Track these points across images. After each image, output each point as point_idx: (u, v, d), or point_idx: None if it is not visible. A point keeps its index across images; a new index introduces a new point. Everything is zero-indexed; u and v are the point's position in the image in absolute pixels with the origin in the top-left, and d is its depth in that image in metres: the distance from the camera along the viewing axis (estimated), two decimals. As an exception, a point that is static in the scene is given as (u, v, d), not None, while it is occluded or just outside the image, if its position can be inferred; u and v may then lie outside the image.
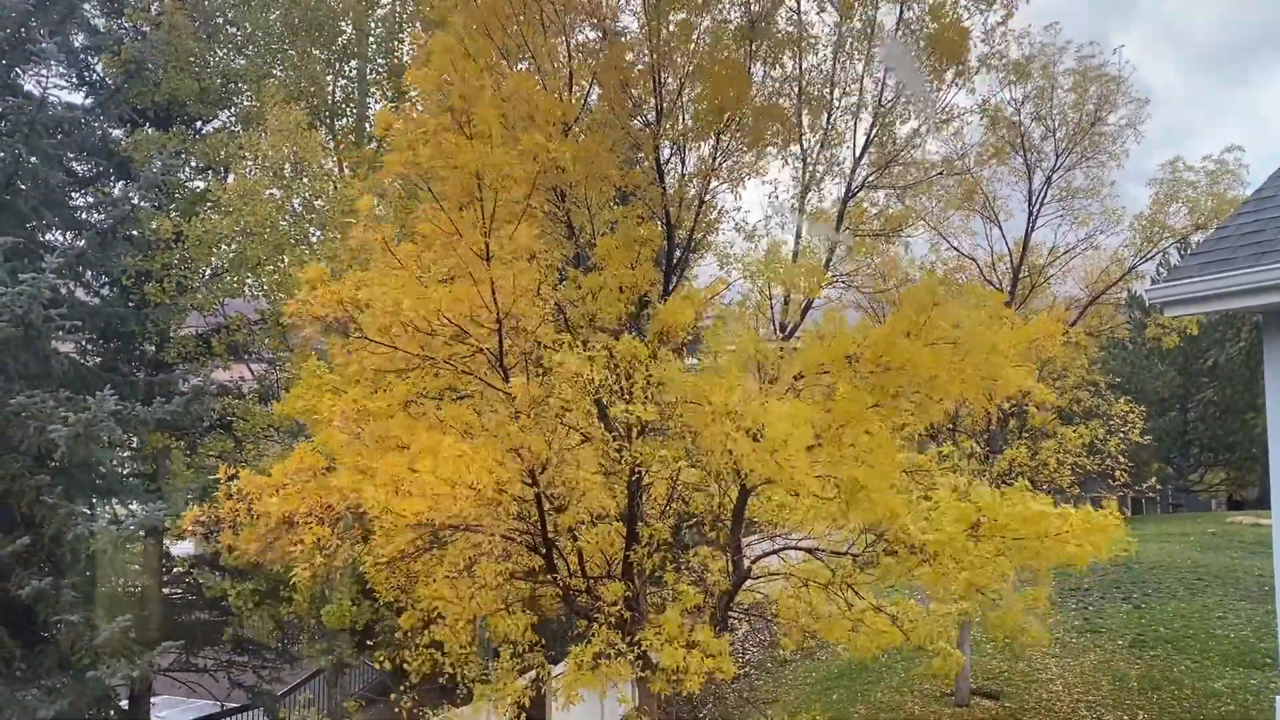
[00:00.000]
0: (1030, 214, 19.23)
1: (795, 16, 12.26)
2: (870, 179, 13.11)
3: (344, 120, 23.64)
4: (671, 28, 11.18)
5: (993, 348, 8.95)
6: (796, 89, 12.47)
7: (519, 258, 8.89)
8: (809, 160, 12.74)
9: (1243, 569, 26.02)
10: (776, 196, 13.24)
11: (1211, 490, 49.54)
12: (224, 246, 17.52)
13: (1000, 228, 19.60)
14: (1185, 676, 19.10)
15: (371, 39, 21.55)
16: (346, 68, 23.43)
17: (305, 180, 17.22)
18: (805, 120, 12.67)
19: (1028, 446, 18.72)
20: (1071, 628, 22.59)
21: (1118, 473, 18.55)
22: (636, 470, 10.76)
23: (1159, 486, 22.00)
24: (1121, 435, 18.90)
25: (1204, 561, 27.17)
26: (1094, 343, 20.77)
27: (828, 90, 12.61)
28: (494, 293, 8.63)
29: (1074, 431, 18.47)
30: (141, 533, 14.85)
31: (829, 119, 12.68)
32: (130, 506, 15.88)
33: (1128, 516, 20.49)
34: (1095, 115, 18.35)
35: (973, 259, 19.86)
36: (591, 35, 11.49)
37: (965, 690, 19.30)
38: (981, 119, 17.33)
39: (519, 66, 10.78)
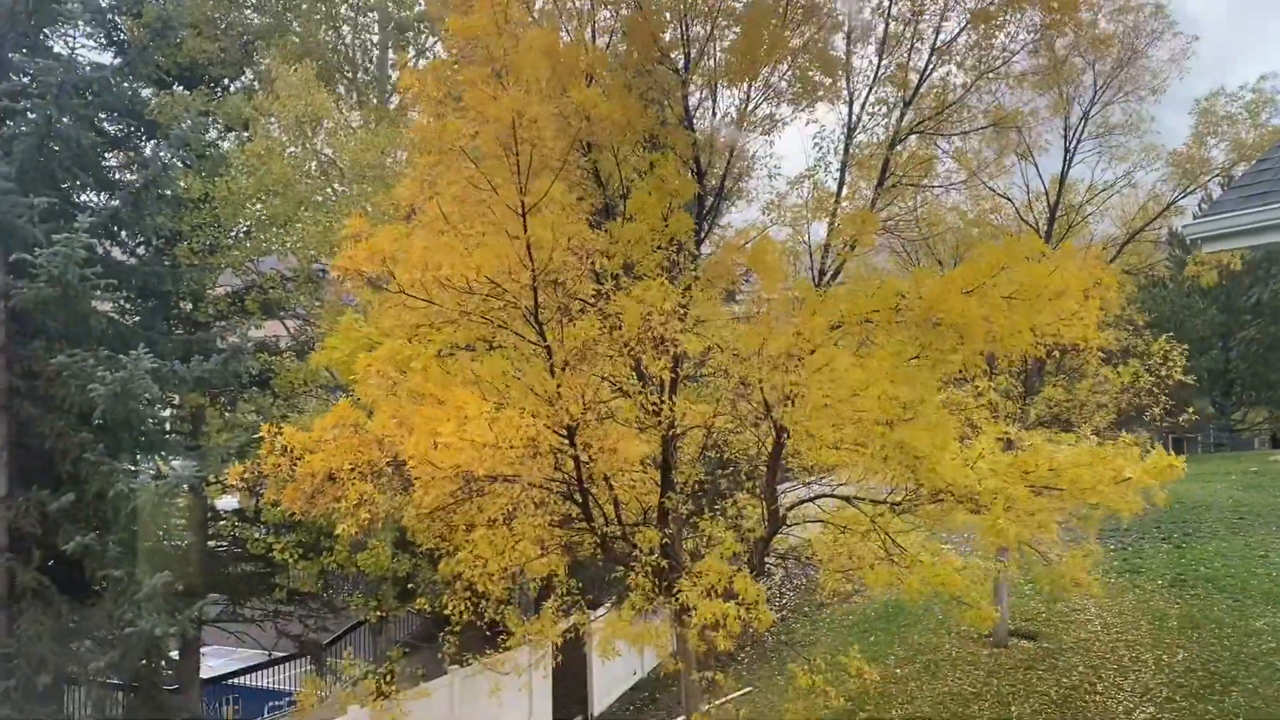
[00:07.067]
0: (1067, 150, 18.83)
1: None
2: (920, 125, 12.74)
3: (364, 74, 23.57)
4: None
5: (1058, 296, 8.82)
6: (846, 28, 12.07)
7: (555, 212, 8.85)
8: (855, 102, 12.41)
9: (1285, 507, 25.79)
10: (821, 140, 12.98)
11: (1254, 429, 48.91)
12: (250, 206, 17.57)
13: (1036, 165, 19.21)
14: (1225, 615, 19.03)
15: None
16: (365, 19, 23.30)
17: (323, 138, 17.19)
18: (854, 62, 12.30)
19: (1065, 388, 18.54)
20: (1110, 568, 22.52)
21: (1156, 410, 18.33)
22: (669, 422, 10.76)
23: (1195, 418, 21.58)
24: (1161, 374, 18.64)
25: (1246, 500, 26.92)
26: (1132, 281, 20.41)
27: (881, 24, 12.14)
28: (530, 249, 8.60)
29: (1114, 371, 18.26)
30: (184, 488, 15.10)
31: (880, 58, 12.30)
32: (172, 463, 16.13)
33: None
34: (1137, 49, 17.85)
35: (1008, 198, 19.50)
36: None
37: (1003, 631, 19.34)
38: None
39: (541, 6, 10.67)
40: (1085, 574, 10.59)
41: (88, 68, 16.35)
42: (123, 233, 17.23)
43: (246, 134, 18.06)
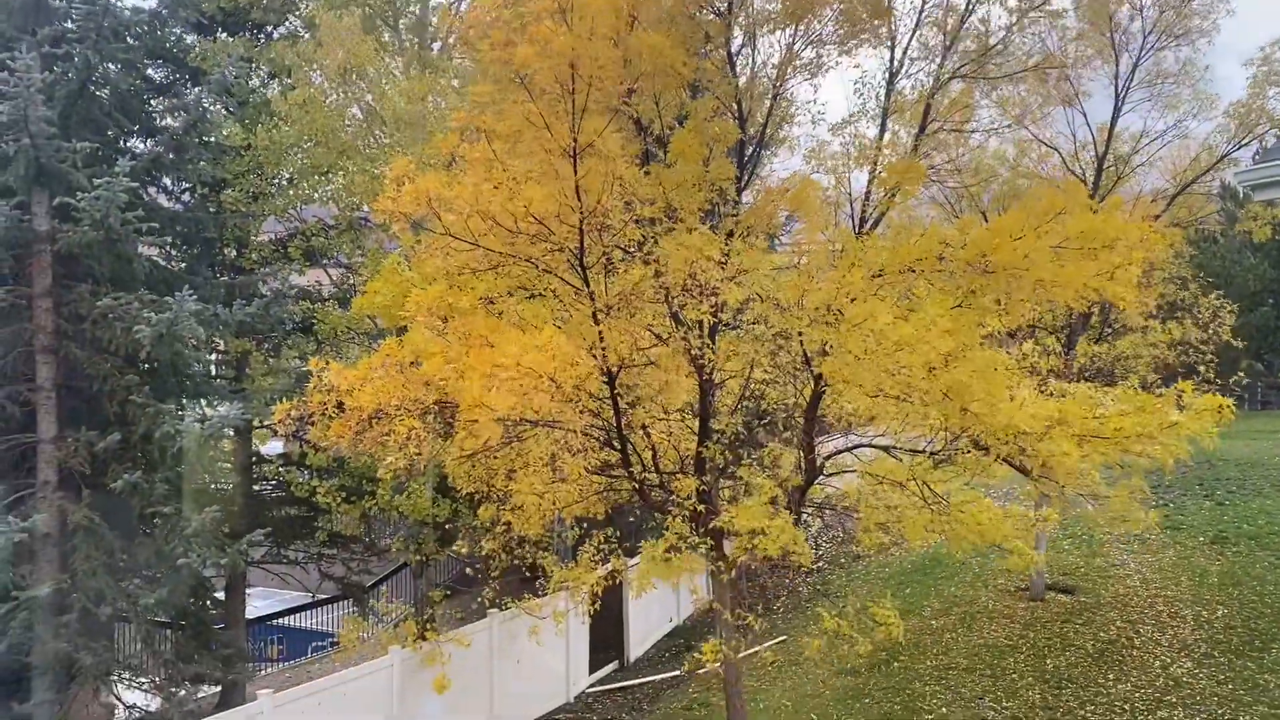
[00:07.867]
0: (1116, 99, 18.38)
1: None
2: (962, 69, 12.50)
3: (407, 19, 23.43)
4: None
5: (1109, 246, 8.62)
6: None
7: (605, 155, 8.81)
8: (897, 47, 12.19)
9: (1333, 466, 25.31)
10: (863, 85, 12.80)
11: (1304, 388, 47.92)
12: (292, 155, 17.63)
13: (1084, 114, 18.78)
14: (1268, 573, 18.80)
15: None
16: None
17: (364, 84, 17.14)
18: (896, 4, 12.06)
19: (1108, 343, 18.29)
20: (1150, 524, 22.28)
21: (1202, 368, 18.02)
22: (710, 367, 10.77)
23: (1245, 380, 21.15)
24: (1209, 332, 18.32)
25: (1292, 459, 26.48)
26: (1180, 234, 19.99)
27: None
28: (579, 191, 8.58)
29: (1161, 327, 17.98)
30: (229, 431, 15.34)
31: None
32: (217, 408, 16.39)
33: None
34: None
35: (1054, 148, 19.10)
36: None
37: (1040, 585, 19.29)
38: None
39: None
40: (1133, 505, 10.46)
41: (127, 12, 16.36)
42: (166, 179, 17.36)
43: (290, 81, 18.05)
